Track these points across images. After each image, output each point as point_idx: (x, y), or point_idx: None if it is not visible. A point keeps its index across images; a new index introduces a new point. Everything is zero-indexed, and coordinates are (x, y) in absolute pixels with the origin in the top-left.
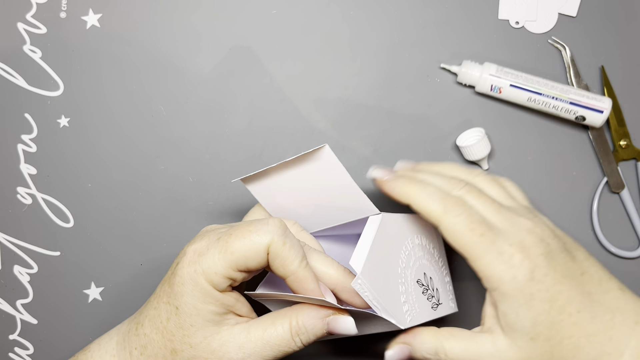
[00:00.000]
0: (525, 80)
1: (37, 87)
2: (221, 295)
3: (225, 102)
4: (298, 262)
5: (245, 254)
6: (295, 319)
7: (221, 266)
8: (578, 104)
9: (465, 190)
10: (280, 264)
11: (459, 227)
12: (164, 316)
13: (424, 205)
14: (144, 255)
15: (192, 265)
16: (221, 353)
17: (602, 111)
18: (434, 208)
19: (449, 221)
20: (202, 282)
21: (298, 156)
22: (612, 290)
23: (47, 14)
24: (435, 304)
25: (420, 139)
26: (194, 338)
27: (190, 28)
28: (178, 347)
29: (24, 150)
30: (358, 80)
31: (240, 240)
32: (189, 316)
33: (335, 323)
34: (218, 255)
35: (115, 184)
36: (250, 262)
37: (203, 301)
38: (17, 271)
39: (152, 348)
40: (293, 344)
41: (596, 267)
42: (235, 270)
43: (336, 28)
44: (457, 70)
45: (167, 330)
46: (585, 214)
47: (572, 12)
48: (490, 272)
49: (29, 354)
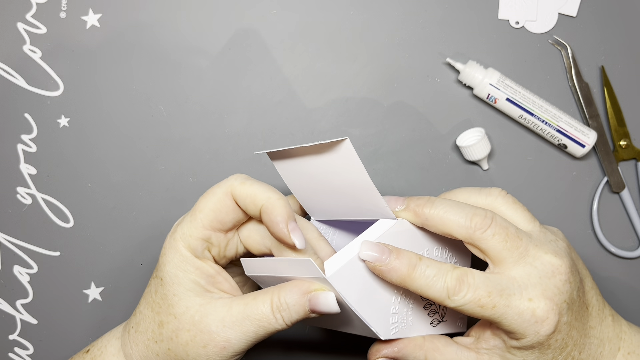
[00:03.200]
0: (522, 97)
1: (37, 87)
2: (200, 263)
3: (225, 102)
4: (267, 194)
5: (211, 208)
6: (277, 295)
7: (194, 227)
8: (565, 133)
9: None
10: (250, 201)
11: (468, 307)
12: (152, 290)
13: (425, 292)
14: (144, 255)
15: (171, 235)
16: (202, 325)
17: (585, 145)
18: (436, 294)
19: (456, 305)
20: (180, 248)
21: (319, 143)
22: (606, 318)
23: (47, 14)
24: (437, 321)
25: (420, 139)
26: (177, 308)
27: (190, 28)
28: (164, 319)
29: (23, 150)
30: (358, 80)
31: (204, 198)
32: (171, 285)
33: (316, 300)
34: (189, 219)
35: (115, 184)
36: (219, 214)
37: (183, 269)
38: (17, 271)
39: (144, 324)
40: (274, 320)
41: (597, 295)
42: (208, 228)
43: (336, 28)
44: (461, 68)
45: (155, 303)
46: (585, 214)
47: (572, 12)
48: (513, 329)
49: (29, 354)
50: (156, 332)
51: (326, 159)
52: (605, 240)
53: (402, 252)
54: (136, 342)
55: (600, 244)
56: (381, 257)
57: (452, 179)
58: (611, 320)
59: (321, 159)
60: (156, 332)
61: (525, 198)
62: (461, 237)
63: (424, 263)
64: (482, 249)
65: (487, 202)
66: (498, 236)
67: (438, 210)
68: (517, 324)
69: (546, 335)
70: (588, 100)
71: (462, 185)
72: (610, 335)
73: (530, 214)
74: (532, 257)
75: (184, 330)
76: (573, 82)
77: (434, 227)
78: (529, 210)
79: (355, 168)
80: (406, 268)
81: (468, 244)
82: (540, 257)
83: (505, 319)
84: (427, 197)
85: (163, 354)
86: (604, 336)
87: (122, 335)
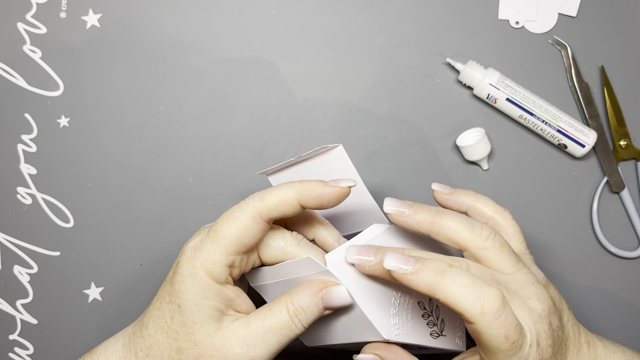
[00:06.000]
0: (522, 97)
1: (37, 87)
2: (222, 289)
3: (225, 102)
4: (291, 188)
5: (236, 234)
6: (290, 301)
7: (217, 255)
8: (565, 132)
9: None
10: (279, 213)
11: (496, 332)
12: (167, 315)
13: (456, 302)
14: (144, 255)
15: (190, 261)
16: (225, 349)
17: (585, 145)
18: (469, 307)
19: (486, 325)
20: (202, 275)
21: (312, 152)
22: (582, 347)
23: (47, 14)
24: (436, 333)
25: (420, 139)
26: (197, 335)
27: (190, 28)
28: (183, 346)
29: (24, 150)
30: (358, 80)
31: (226, 224)
32: (191, 313)
33: (328, 295)
34: (211, 246)
35: (115, 184)
36: (244, 239)
37: (204, 296)
38: (17, 271)
39: (157, 349)
40: (294, 326)
41: (573, 325)
42: (233, 254)
43: (336, 28)
44: (461, 68)
45: (172, 330)
46: (585, 214)
47: (572, 12)
48: None
49: (29, 354)
50: (174, 358)
51: (320, 164)
52: (605, 240)
53: (427, 258)
54: None
55: (600, 244)
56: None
57: (452, 179)
58: (586, 348)
59: (315, 166)
60: (174, 357)
61: (525, 198)
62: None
63: (455, 270)
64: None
65: None
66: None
67: (448, 224)
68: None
69: None
70: (588, 100)
71: (462, 185)
72: None
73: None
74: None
75: (207, 356)
76: (573, 82)
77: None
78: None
79: (349, 174)
80: (434, 274)
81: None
82: (526, 302)
83: (508, 358)
84: (435, 209)
85: None
86: None
87: (125, 356)
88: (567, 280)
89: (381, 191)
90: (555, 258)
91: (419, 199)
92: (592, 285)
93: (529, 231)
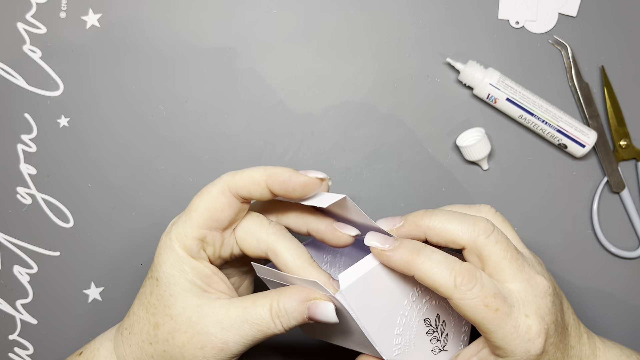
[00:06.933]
0: (522, 97)
1: (37, 87)
2: (196, 263)
3: (224, 103)
4: (262, 170)
5: (206, 206)
6: (276, 300)
7: (189, 227)
8: (565, 132)
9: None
10: (250, 183)
11: (473, 302)
12: (147, 291)
13: (430, 276)
14: (143, 256)
15: (167, 234)
16: (199, 326)
17: (585, 145)
18: (442, 281)
19: (461, 297)
20: (176, 248)
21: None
22: (582, 336)
23: (47, 14)
24: (438, 349)
25: (420, 139)
26: (173, 309)
27: (190, 28)
28: (160, 320)
29: (23, 150)
30: (358, 80)
31: (198, 197)
32: (167, 285)
33: (315, 308)
34: (184, 218)
35: (115, 184)
36: (214, 212)
37: (179, 268)
38: (17, 271)
39: (138, 325)
40: (273, 325)
41: (572, 314)
42: (203, 227)
43: (336, 28)
44: (462, 68)
45: (151, 304)
46: (585, 214)
47: (572, 12)
48: (504, 344)
49: (29, 354)
50: (151, 334)
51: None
52: (605, 240)
53: (405, 239)
54: (130, 344)
55: (600, 244)
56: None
57: (452, 179)
58: (586, 338)
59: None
60: (151, 333)
61: (525, 198)
62: (464, 243)
63: (430, 248)
64: (483, 256)
65: None
66: (500, 244)
67: (439, 219)
68: (511, 338)
69: (536, 355)
70: (588, 100)
71: (462, 185)
72: (587, 352)
73: (517, 235)
74: (527, 274)
75: (181, 332)
76: (573, 82)
77: (436, 236)
78: (515, 231)
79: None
80: (410, 252)
81: (468, 253)
82: (534, 277)
83: (502, 329)
84: (424, 209)
85: (158, 356)
86: (582, 354)
87: (115, 337)
88: (567, 280)
89: (381, 191)
90: (556, 258)
91: (418, 199)
92: (592, 285)
93: (529, 231)
